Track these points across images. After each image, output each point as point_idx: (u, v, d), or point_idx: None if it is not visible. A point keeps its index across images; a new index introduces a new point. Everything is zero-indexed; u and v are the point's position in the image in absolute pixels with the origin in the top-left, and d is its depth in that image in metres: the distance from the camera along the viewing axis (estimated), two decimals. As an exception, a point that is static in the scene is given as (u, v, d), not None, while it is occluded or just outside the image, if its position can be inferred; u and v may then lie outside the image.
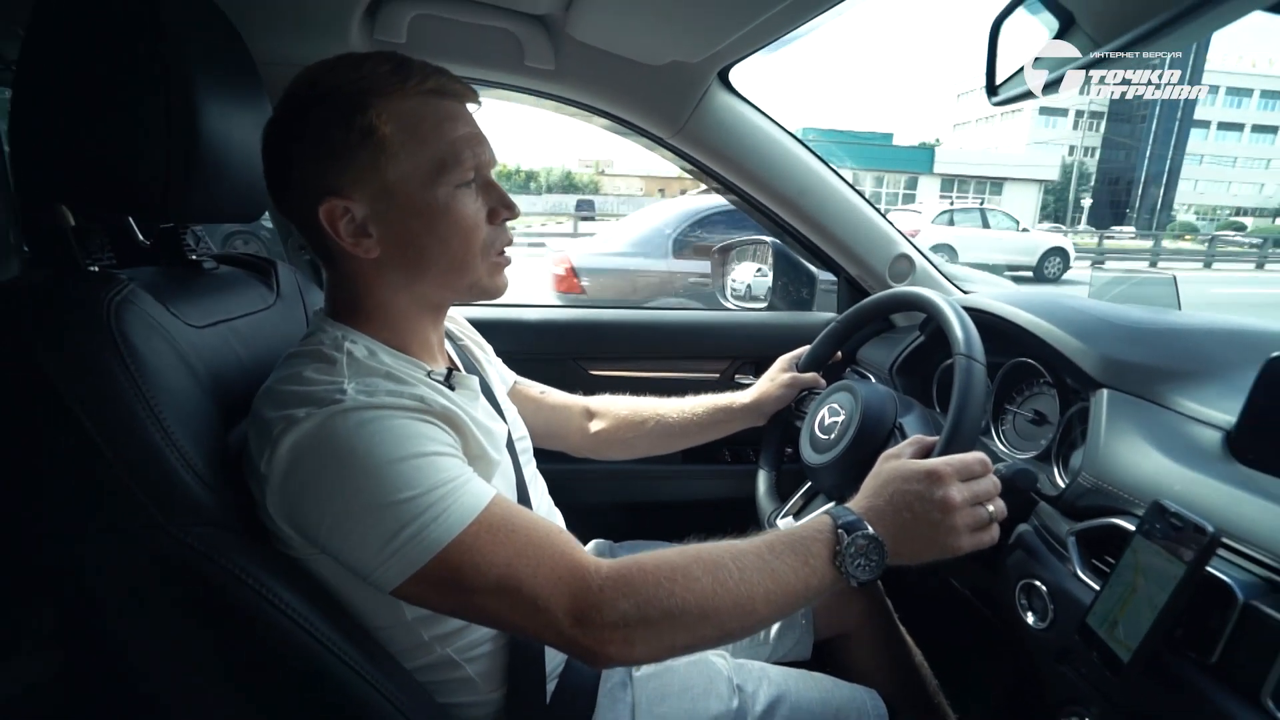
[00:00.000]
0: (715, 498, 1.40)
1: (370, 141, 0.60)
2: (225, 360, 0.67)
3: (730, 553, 0.60)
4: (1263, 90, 50.37)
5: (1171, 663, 0.55)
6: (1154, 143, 47.50)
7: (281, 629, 0.55)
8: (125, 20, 0.58)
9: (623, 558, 0.59)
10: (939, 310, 0.85)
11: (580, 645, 0.56)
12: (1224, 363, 0.77)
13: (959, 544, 0.64)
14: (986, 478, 0.67)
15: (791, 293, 1.50)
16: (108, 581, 0.55)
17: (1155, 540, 0.57)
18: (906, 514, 0.64)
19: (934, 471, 0.65)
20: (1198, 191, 52.82)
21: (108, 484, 0.52)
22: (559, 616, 0.55)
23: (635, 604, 0.55)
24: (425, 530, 0.53)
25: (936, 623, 1.12)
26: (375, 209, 0.62)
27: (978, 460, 0.67)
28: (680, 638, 0.57)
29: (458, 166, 0.63)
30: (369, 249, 0.63)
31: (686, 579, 0.57)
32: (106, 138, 0.58)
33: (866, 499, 0.67)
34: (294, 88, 0.61)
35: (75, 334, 0.53)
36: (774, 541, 0.62)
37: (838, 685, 0.86)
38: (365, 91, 0.60)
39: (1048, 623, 0.69)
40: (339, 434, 0.54)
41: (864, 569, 0.61)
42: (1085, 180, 50.10)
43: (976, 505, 0.66)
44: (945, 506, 0.63)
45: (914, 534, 0.64)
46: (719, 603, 0.57)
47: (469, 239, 0.65)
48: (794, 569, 0.60)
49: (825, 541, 0.62)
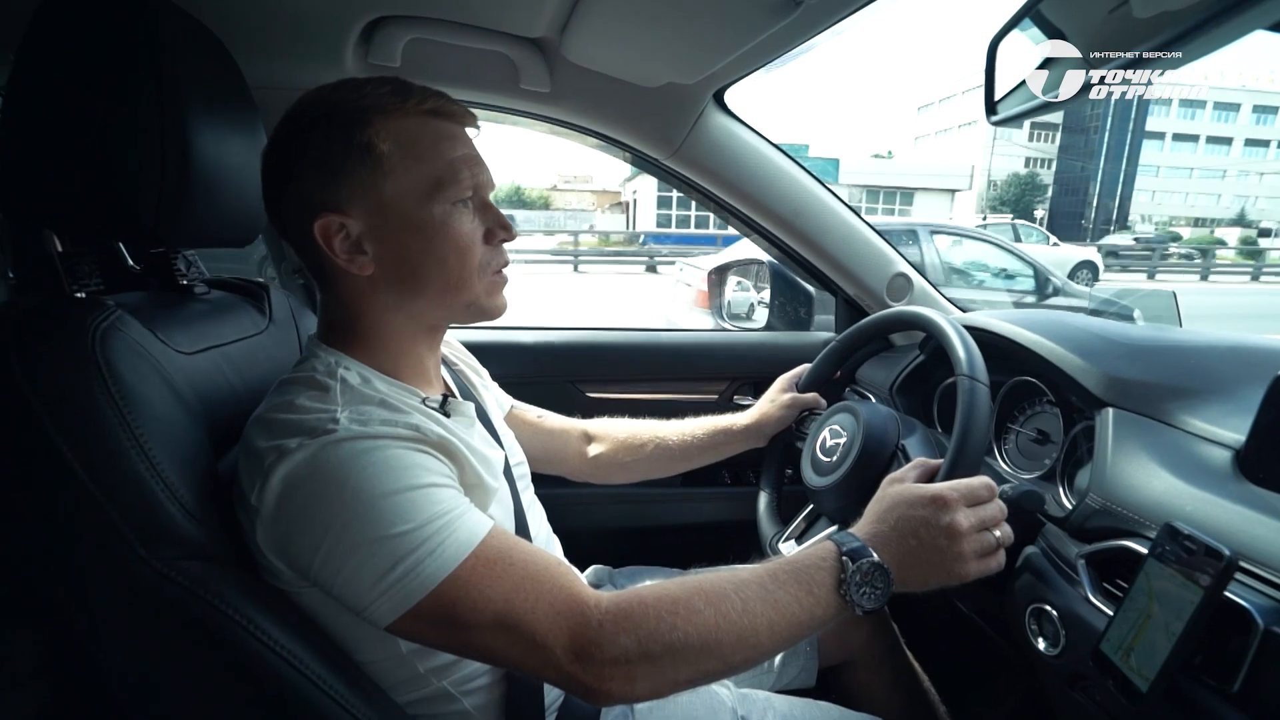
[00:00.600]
0: (716, 521, 1.38)
1: (369, 158, 0.60)
2: (216, 387, 0.66)
3: (732, 584, 0.58)
4: (1215, 103, 51.51)
5: (1191, 691, 0.53)
6: (1107, 153, 48.19)
7: (269, 665, 0.53)
8: (119, 44, 0.57)
9: (623, 591, 0.58)
10: (940, 330, 0.85)
11: (580, 682, 0.54)
12: (1230, 380, 0.76)
13: (966, 570, 0.63)
14: (993, 503, 0.66)
15: (789, 312, 1.50)
16: (92, 615, 0.53)
17: (1169, 564, 0.55)
18: (912, 540, 0.63)
19: (939, 497, 0.64)
20: (1155, 202, 53.61)
21: (89, 515, 0.50)
22: (558, 653, 0.53)
23: (636, 639, 0.54)
24: (420, 565, 0.52)
25: (944, 648, 1.10)
26: (371, 225, 0.61)
27: (984, 485, 0.66)
28: (683, 672, 0.55)
29: (455, 184, 0.63)
30: (364, 266, 0.62)
31: (689, 612, 0.55)
32: (97, 162, 0.58)
33: (871, 524, 0.65)
34: (296, 107, 0.62)
35: (57, 361, 0.51)
36: (776, 570, 0.60)
37: (845, 715, 0.84)
38: (366, 109, 0.60)
39: (1059, 649, 0.67)
40: (332, 465, 0.52)
41: (869, 597, 0.59)
42: (1040, 190, 50.91)
43: (983, 531, 0.64)
44: (951, 533, 0.62)
45: (920, 560, 0.62)
46: (722, 636, 0.55)
47: (465, 257, 0.64)
48: (798, 598, 0.58)
49: (829, 570, 0.60)
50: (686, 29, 0.86)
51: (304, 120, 0.61)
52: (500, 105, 1.15)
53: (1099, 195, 48.55)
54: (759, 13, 0.76)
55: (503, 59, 1.02)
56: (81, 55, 0.57)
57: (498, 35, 0.97)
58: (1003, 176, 50.58)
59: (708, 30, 0.85)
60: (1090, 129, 50.06)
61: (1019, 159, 52.49)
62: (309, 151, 0.60)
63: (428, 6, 0.91)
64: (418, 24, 0.94)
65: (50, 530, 0.51)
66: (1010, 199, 47.20)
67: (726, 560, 1.07)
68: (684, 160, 1.21)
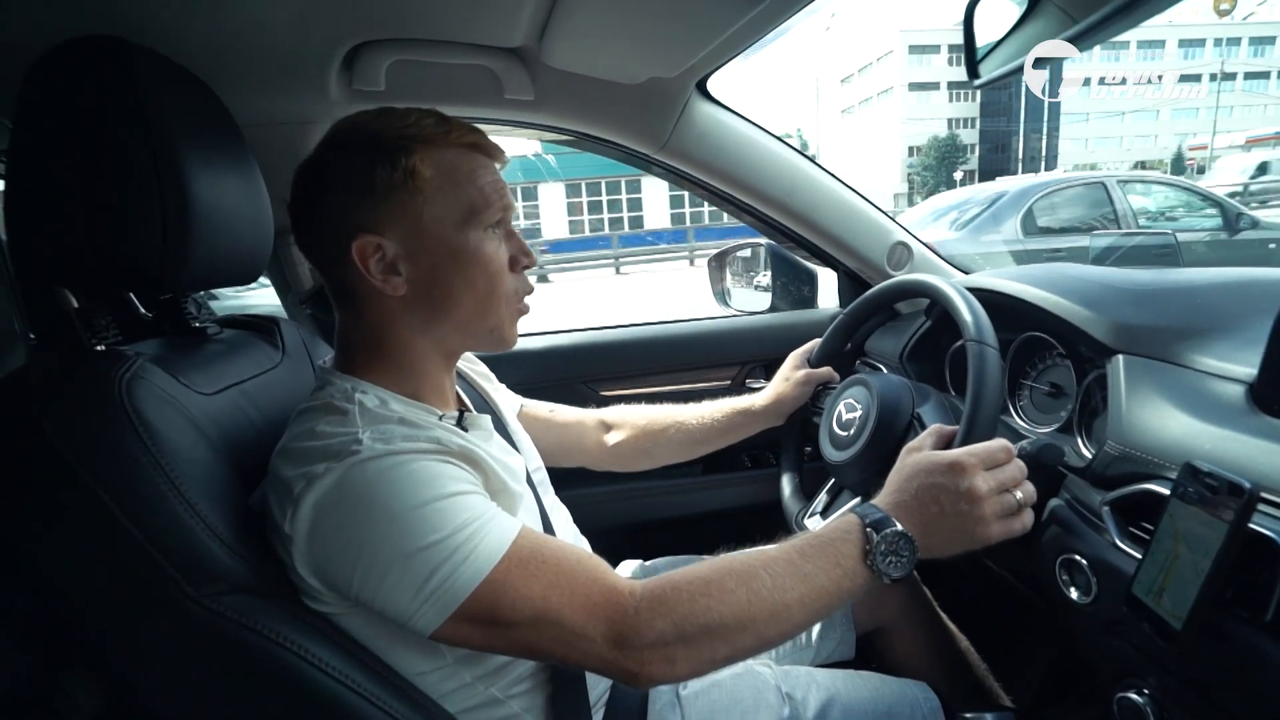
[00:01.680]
0: (739, 505, 1.39)
1: (411, 183, 0.62)
2: (238, 424, 0.67)
3: (761, 561, 0.60)
4: (1139, 41, 49.93)
5: (1225, 624, 0.54)
6: (1027, 105, 46.95)
7: (324, 688, 0.54)
8: (104, 96, 0.58)
9: (655, 577, 0.59)
10: (945, 296, 0.85)
11: (621, 668, 0.56)
12: (1236, 315, 0.77)
13: (988, 533, 0.64)
14: (1012, 464, 0.67)
15: (792, 292, 1.50)
16: (143, 657, 0.55)
17: (1192, 503, 0.56)
18: (934, 507, 0.64)
19: (957, 463, 0.65)
20: (1089, 150, 52.06)
21: (134, 560, 0.52)
22: (598, 642, 0.55)
23: (672, 622, 0.55)
24: (457, 571, 0.53)
25: (978, 606, 1.11)
26: (408, 248, 0.64)
27: (1001, 448, 0.67)
28: (720, 650, 0.57)
29: (487, 209, 0.66)
30: (397, 287, 0.64)
31: (721, 592, 0.57)
32: (99, 218, 0.59)
33: (892, 495, 0.67)
34: (335, 132, 0.65)
35: (90, 415, 0.53)
36: (803, 545, 0.62)
37: (886, 682, 0.85)
38: (410, 138, 0.63)
39: (1092, 596, 0.68)
40: (360, 485, 0.54)
41: (895, 565, 0.61)
42: (961, 152, 49.77)
43: (1004, 493, 0.65)
44: (971, 497, 0.63)
45: (943, 526, 0.64)
46: (755, 612, 0.57)
47: (494, 282, 0.67)
48: (826, 571, 0.60)
49: (855, 541, 0.62)
50: (663, 22, 0.87)
51: (349, 145, 0.63)
52: (487, 117, 1.15)
53: (1024, 148, 47.55)
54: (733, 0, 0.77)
55: (485, 72, 1.03)
56: (71, 112, 0.58)
57: (478, 49, 0.98)
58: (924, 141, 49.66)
59: (685, 21, 0.85)
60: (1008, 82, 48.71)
61: (941, 122, 51.68)
62: (351, 174, 0.62)
63: (406, 28, 0.92)
64: (398, 46, 0.94)
65: (100, 579, 0.53)
66: (932, 164, 46.26)
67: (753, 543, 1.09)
68: (674, 153, 1.21)
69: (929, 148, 49.08)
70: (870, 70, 55.78)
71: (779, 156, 1.25)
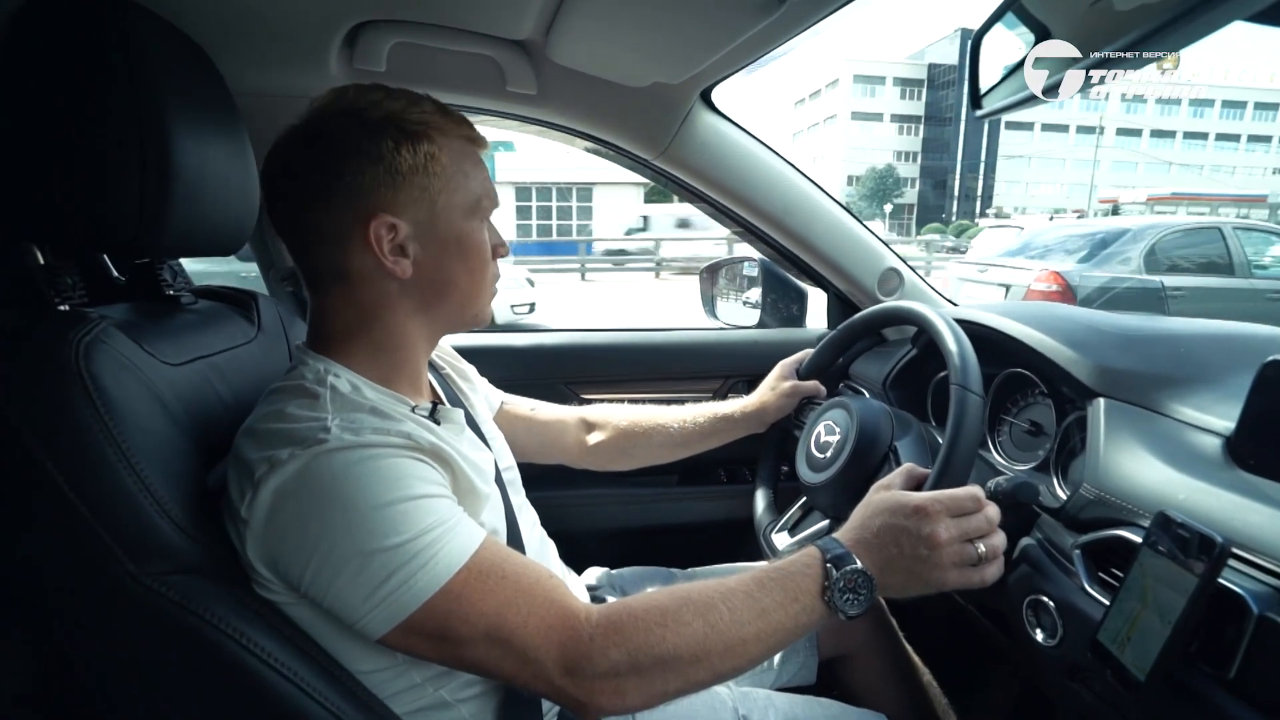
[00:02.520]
0: (712, 519, 1.38)
1: (430, 168, 0.63)
2: (205, 398, 0.65)
3: (720, 593, 0.59)
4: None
5: (1188, 679, 0.54)
6: (965, 144, 47.32)
7: (265, 679, 0.52)
8: (92, 50, 0.57)
9: (612, 603, 0.58)
10: (934, 328, 0.85)
11: (570, 696, 0.55)
12: (1219, 367, 0.77)
13: (944, 579, 0.63)
14: (978, 514, 0.65)
15: (781, 309, 1.50)
16: (83, 632, 0.52)
17: (1163, 553, 0.55)
18: (894, 548, 0.63)
19: (921, 507, 0.64)
20: (1029, 194, 52.42)
21: (76, 532, 0.49)
22: (549, 667, 0.54)
23: (626, 652, 0.54)
24: (413, 578, 0.52)
25: (943, 641, 1.10)
26: (419, 232, 0.64)
27: (969, 496, 0.66)
28: (672, 684, 0.56)
29: (489, 203, 0.69)
30: (405, 269, 0.64)
31: (677, 624, 0.56)
32: (76, 173, 0.57)
33: (854, 531, 0.66)
34: (348, 104, 0.62)
35: (38, 375, 0.51)
36: (763, 578, 0.61)
37: (845, 710, 0.84)
38: (428, 125, 0.63)
39: (1057, 639, 0.67)
40: (323, 476, 0.52)
41: (852, 603, 0.60)
42: (898, 184, 50.23)
43: (965, 543, 0.64)
44: (932, 543, 0.62)
45: (899, 568, 0.63)
46: (710, 646, 0.56)
47: (485, 270, 0.70)
48: (784, 606, 0.59)
49: (814, 576, 0.61)
50: (672, 28, 0.86)
51: (368, 121, 0.61)
52: (486, 108, 1.14)
53: (960, 187, 47.92)
54: (743, 11, 0.76)
55: (488, 62, 1.02)
56: (55, 63, 0.56)
57: (483, 38, 0.97)
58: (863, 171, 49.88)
59: (693, 29, 0.85)
60: (948, 119, 49.33)
61: (888, 153, 52.18)
62: (374, 152, 0.61)
63: (412, 10, 0.90)
64: (402, 28, 0.93)
65: (37, 549, 0.51)
66: (868, 194, 46.19)
67: (722, 559, 1.07)
68: (673, 160, 1.21)
69: (866, 178, 49.20)
70: (820, 96, 56.55)
71: (779, 173, 1.25)
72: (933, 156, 50.27)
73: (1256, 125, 53.84)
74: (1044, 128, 51.32)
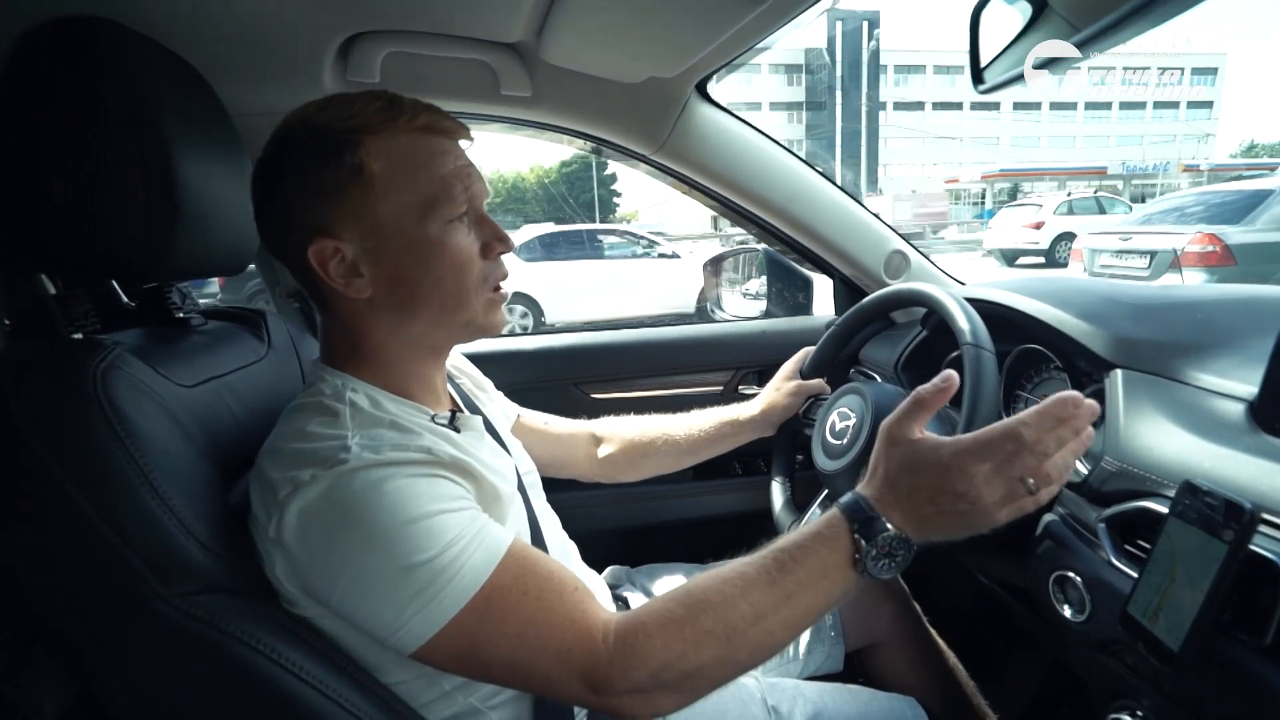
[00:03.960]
0: (730, 512, 1.38)
1: (360, 179, 0.58)
2: (220, 418, 0.66)
3: (739, 587, 0.56)
4: (935, 66, 47.12)
5: (1223, 648, 0.53)
6: (843, 131, 45.09)
7: (299, 694, 0.53)
8: (90, 79, 0.57)
9: (627, 620, 0.56)
10: (941, 304, 0.84)
11: (601, 706, 0.55)
12: (1238, 332, 0.76)
13: (995, 521, 0.57)
14: (1022, 453, 0.56)
15: (787, 298, 1.49)
16: (111, 656, 0.53)
17: (1191, 522, 0.55)
18: (929, 508, 0.57)
19: (954, 461, 0.57)
20: (926, 176, 49.41)
21: (102, 557, 0.50)
22: (573, 687, 0.54)
23: (649, 673, 0.54)
24: (441, 593, 0.52)
25: (969, 624, 1.10)
26: (366, 248, 0.60)
27: (1005, 436, 0.57)
28: (703, 686, 0.56)
29: (449, 202, 0.61)
30: (361, 289, 0.61)
31: (696, 635, 0.55)
32: (82, 203, 0.57)
33: (880, 487, 0.60)
34: (283, 127, 0.61)
35: (59, 404, 0.51)
36: (784, 559, 0.57)
37: (874, 696, 0.84)
38: (355, 129, 0.58)
39: (1086, 615, 0.67)
40: (346, 498, 0.52)
41: (888, 568, 0.57)
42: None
43: (1008, 478, 0.56)
44: (971, 499, 0.56)
45: (939, 525, 0.57)
46: (734, 649, 0.55)
47: (463, 274, 0.63)
48: (810, 585, 0.57)
49: (842, 548, 0.57)
50: (664, 22, 0.86)
51: (291, 142, 0.59)
52: (483, 113, 1.14)
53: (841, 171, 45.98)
54: (733, 1, 0.76)
55: (482, 66, 1.01)
56: (55, 94, 0.57)
57: (475, 43, 0.97)
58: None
59: (685, 22, 0.84)
60: (823, 105, 46.06)
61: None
62: (298, 175, 0.59)
63: (403, 20, 0.90)
64: (394, 38, 0.93)
65: (65, 575, 0.51)
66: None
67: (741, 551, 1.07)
68: (671, 154, 1.20)
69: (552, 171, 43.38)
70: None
71: (779, 162, 1.24)
72: (817, 142, 48.32)
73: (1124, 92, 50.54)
74: (935, 106, 48.23)
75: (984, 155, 47.03)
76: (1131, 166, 38.28)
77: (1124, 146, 46.84)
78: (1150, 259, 5.49)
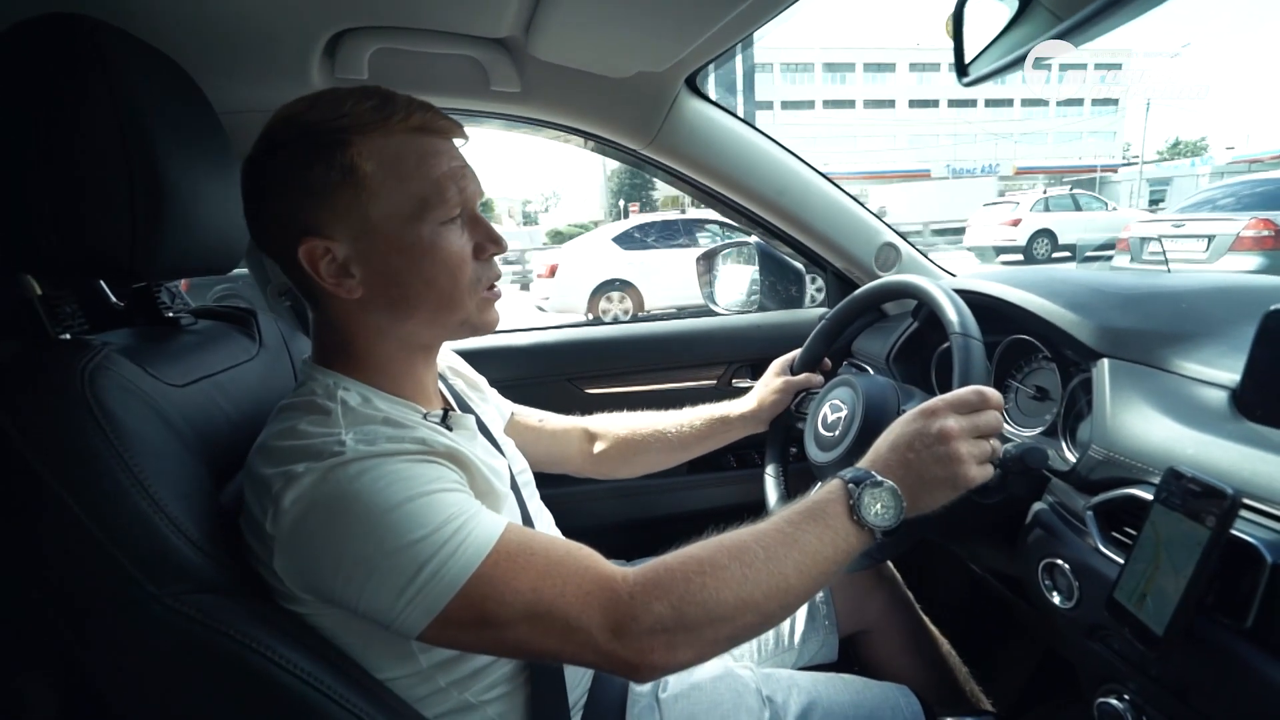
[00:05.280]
0: (724, 505, 1.39)
1: (351, 180, 0.58)
2: (211, 417, 0.65)
3: (751, 534, 0.59)
4: (825, 64, 45.27)
5: (1206, 630, 0.54)
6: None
7: (294, 690, 0.53)
8: (75, 79, 0.56)
9: (647, 562, 0.57)
10: (929, 295, 0.85)
11: (620, 659, 0.54)
12: (1221, 320, 0.77)
13: (968, 474, 0.64)
14: (987, 411, 0.67)
15: (780, 291, 1.50)
16: (107, 656, 0.53)
17: (1175, 508, 0.55)
18: (909, 454, 0.65)
19: (927, 408, 0.66)
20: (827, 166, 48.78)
21: (94, 559, 0.50)
22: (594, 633, 0.53)
23: (670, 604, 0.54)
24: (444, 568, 0.51)
25: (960, 610, 1.11)
26: (357, 248, 0.60)
27: (972, 392, 0.68)
28: (722, 630, 0.56)
29: (442, 204, 0.61)
30: (352, 289, 0.61)
31: (715, 569, 0.56)
32: (67, 202, 0.57)
33: (871, 452, 0.68)
34: (272, 124, 0.60)
35: (46, 406, 0.51)
36: (790, 514, 0.62)
37: (868, 685, 0.84)
38: (346, 129, 0.58)
39: (1074, 601, 0.68)
40: (341, 486, 0.52)
41: (881, 515, 0.61)
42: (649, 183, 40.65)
43: (979, 437, 0.66)
44: (944, 436, 0.64)
45: (921, 473, 0.64)
46: (752, 588, 0.56)
47: (456, 275, 0.63)
48: (816, 534, 0.60)
49: (839, 499, 0.62)
50: (651, 16, 0.86)
51: (282, 140, 0.59)
52: (472, 109, 1.14)
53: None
54: None
55: (471, 62, 1.01)
56: (39, 92, 0.56)
57: (464, 39, 0.96)
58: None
59: (673, 15, 0.84)
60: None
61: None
62: (288, 174, 0.59)
63: (390, 16, 0.90)
64: (382, 34, 0.93)
65: (57, 577, 0.51)
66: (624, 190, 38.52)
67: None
68: (662, 149, 1.20)
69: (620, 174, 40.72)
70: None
71: (770, 155, 1.25)
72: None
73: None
74: (826, 104, 45.52)
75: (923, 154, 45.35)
76: (959, 170, 38.53)
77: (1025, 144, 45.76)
78: (1208, 242, 5.59)
